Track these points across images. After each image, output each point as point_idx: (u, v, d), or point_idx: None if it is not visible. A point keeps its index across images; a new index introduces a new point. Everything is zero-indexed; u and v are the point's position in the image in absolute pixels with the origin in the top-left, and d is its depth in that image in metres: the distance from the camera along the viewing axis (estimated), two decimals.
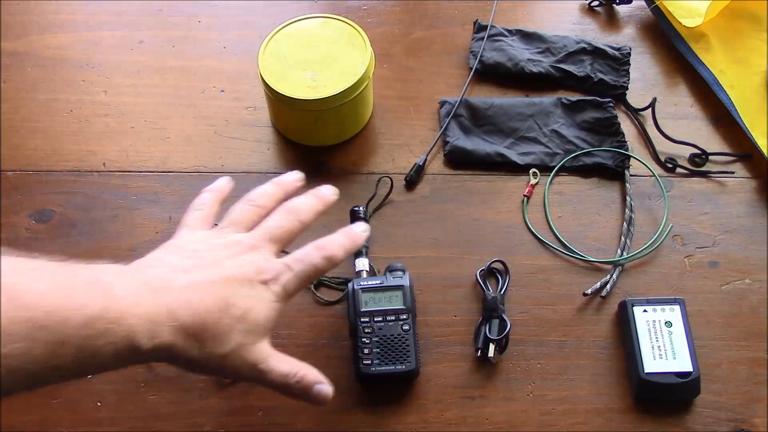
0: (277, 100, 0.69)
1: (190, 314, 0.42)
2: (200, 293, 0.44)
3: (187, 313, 0.42)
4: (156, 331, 0.40)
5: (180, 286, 0.43)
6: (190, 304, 0.43)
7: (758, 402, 0.61)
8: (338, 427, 0.60)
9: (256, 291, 0.46)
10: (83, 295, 0.38)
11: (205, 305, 0.43)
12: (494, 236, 0.69)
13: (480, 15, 0.84)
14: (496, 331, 0.61)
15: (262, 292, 0.47)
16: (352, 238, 0.53)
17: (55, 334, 0.35)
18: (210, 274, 0.45)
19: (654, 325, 0.61)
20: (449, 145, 0.73)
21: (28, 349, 0.34)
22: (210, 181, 0.72)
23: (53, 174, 0.72)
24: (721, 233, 0.69)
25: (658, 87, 0.79)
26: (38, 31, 0.83)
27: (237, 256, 0.48)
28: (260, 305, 0.46)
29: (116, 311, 0.38)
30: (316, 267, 0.50)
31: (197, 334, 0.42)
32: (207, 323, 0.43)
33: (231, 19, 0.84)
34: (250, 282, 0.46)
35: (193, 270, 0.45)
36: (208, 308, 0.43)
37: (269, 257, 0.49)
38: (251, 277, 0.46)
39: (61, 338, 0.36)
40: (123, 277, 0.42)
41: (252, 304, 0.46)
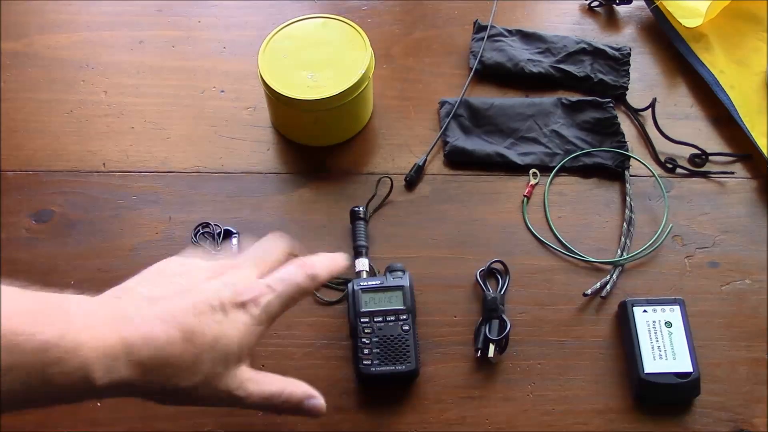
0: (277, 101, 0.69)
1: (149, 348, 0.40)
2: (163, 325, 0.41)
3: (145, 347, 0.40)
4: (112, 366, 0.39)
5: (142, 318, 0.41)
6: (150, 337, 0.40)
7: (758, 402, 0.61)
8: (338, 427, 0.60)
9: (230, 316, 0.44)
10: (40, 321, 0.36)
11: (167, 337, 0.41)
12: (494, 236, 0.69)
13: (480, 15, 0.84)
14: (496, 331, 0.61)
15: (238, 316, 0.44)
16: (334, 260, 0.51)
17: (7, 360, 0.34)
18: (178, 303, 0.43)
19: (654, 325, 0.61)
20: (449, 145, 0.73)
21: None
22: (210, 181, 0.72)
23: (53, 174, 0.72)
24: (721, 233, 0.69)
25: (658, 87, 0.79)
26: (38, 31, 0.83)
27: (215, 278, 0.46)
28: (233, 331, 0.44)
29: (72, 341, 0.37)
30: (300, 287, 0.47)
31: (158, 369, 0.40)
32: (169, 357, 0.41)
33: (231, 20, 0.84)
34: (224, 307, 0.44)
35: (161, 300, 0.43)
36: (170, 340, 0.41)
37: (250, 278, 0.47)
38: (226, 302, 0.44)
39: (12, 363, 0.35)
40: (85, 307, 0.40)
41: (223, 330, 0.43)
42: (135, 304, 0.42)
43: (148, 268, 0.47)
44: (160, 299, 0.43)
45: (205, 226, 0.68)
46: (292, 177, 0.72)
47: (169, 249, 0.67)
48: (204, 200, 0.71)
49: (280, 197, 0.71)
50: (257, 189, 0.71)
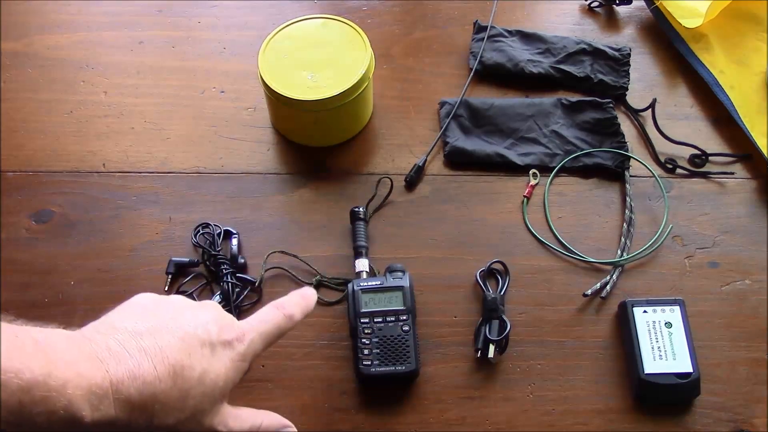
0: (277, 101, 0.69)
1: (136, 385, 0.39)
2: (151, 361, 0.40)
3: (133, 383, 0.39)
4: (98, 405, 0.38)
5: (129, 353, 0.40)
6: (138, 374, 0.39)
7: (758, 402, 0.61)
8: (338, 427, 0.60)
9: (216, 351, 0.44)
10: (24, 359, 0.35)
11: (155, 374, 0.40)
12: (494, 237, 0.69)
13: (480, 15, 0.84)
14: (496, 331, 0.61)
15: (224, 353, 0.44)
16: (306, 299, 0.52)
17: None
18: (165, 338, 0.42)
19: (654, 325, 0.61)
20: (449, 145, 0.73)
21: None
22: (210, 182, 0.72)
23: (53, 174, 0.72)
24: (721, 234, 0.69)
25: (658, 88, 0.79)
26: (38, 31, 0.83)
27: (199, 309, 0.46)
28: (220, 366, 0.44)
29: (57, 380, 0.36)
30: (280, 327, 0.49)
31: (145, 406, 0.40)
32: (156, 393, 0.40)
33: (231, 20, 0.84)
34: (211, 342, 0.44)
35: (146, 335, 0.42)
36: (158, 377, 0.40)
37: (232, 317, 0.48)
38: (213, 338, 0.44)
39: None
40: (68, 345, 0.39)
41: (211, 365, 0.43)
42: (120, 339, 0.41)
43: (128, 301, 0.46)
44: (145, 334, 0.42)
45: (205, 226, 0.68)
46: (292, 177, 0.72)
47: (169, 249, 0.67)
48: (204, 201, 0.71)
49: (280, 197, 0.71)
50: (257, 189, 0.71)
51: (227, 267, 0.65)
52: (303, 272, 0.67)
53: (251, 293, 0.66)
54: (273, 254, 0.67)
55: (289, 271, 0.66)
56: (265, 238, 0.68)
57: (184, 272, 0.67)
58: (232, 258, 0.66)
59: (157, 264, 0.66)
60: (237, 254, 0.66)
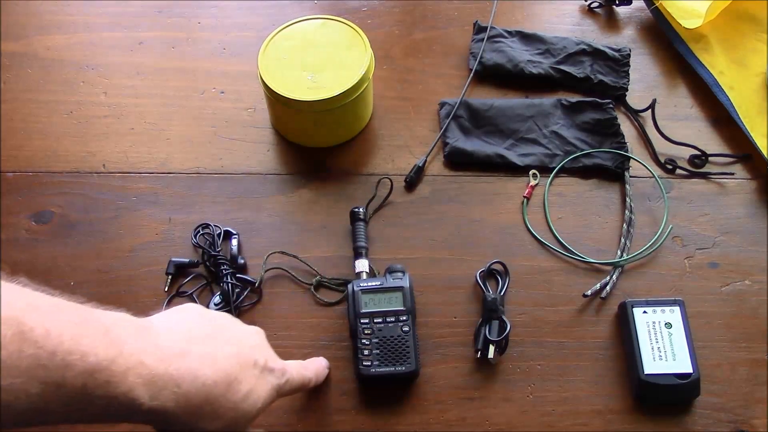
0: (277, 101, 0.69)
1: (196, 385, 0.41)
2: (211, 366, 0.43)
3: (192, 383, 0.41)
4: (157, 394, 0.39)
5: (192, 354, 0.42)
6: (197, 374, 0.41)
7: (758, 403, 0.61)
8: (338, 427, 0.60)
9: (263, 375, 0.47)
10: (91, 343, 0.36)
11: (213, 378, 0.42)
12: (494, 237, 0.69)
13: (480, 16, 0.84)
14: (496, 332, 0.61)
15: (268, 378, 0.47)
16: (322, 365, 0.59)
17: (54, 377, 0.34)
18: (225, 349, 0.45)
19: (654, 326, 0.61)
20: (449, 146, 0.73)
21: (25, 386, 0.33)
22: (210, 182, 0.72)
23: (53, 175, 0.72)
24: (721, 234, 0.69)
25: (658, 88, 0.79)
26: (38, 31, 0.83)
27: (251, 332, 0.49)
28: (263, 390, 0.46)
29: (120, 366, 0.37)
30: (303, 383, 0.53)
31: (198, 406, 0.41)
32: (209, 397, 0.42)
33: (231, 20, 0.84)
34: (260, 366, 0.47)
35: (209, 340, 0.45)
36: (215, 382, 0.42)
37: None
38: (261, 362, 0.47)
39: (59, 382, 0.35)
40: (136, 333, 0.40)
41: (256, 386, 0.46)
42: (185, 338, 0.43)
43: (182, 306, 0.48)
44: (208, 339, 0.45)
45: (205, 227, 0.68)
46: (292, 178, 0.72)
47: (169, 250, 0.67)
48: (204, 201, 0.71)
49: (280, 198, 0.71)
50: (257, 190, 0.71)
51: (227, 267, 0.65)
52: (303, 273, 0.67)
53: (251, 294, 0.66)
54: (273, 255, 0.67)
55: (289, 272, 0.66)
56: (265, 238, 0.68)
57: (184, 273, 0.67)
58: (232, 258, 0.66)
59: (157, 264, 0.66)
60: (237, 255, 0.66)
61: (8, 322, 0.33)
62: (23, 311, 0.34)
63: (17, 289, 0.36)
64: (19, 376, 0.33)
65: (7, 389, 0.33)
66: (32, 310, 0.35)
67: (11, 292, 0.35)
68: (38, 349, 0.34)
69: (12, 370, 0.33)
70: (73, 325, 0.36)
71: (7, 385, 0.33)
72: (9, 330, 0.33)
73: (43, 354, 0.34)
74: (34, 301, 0.36)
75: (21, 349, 0.33)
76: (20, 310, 0.34)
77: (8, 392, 0.33)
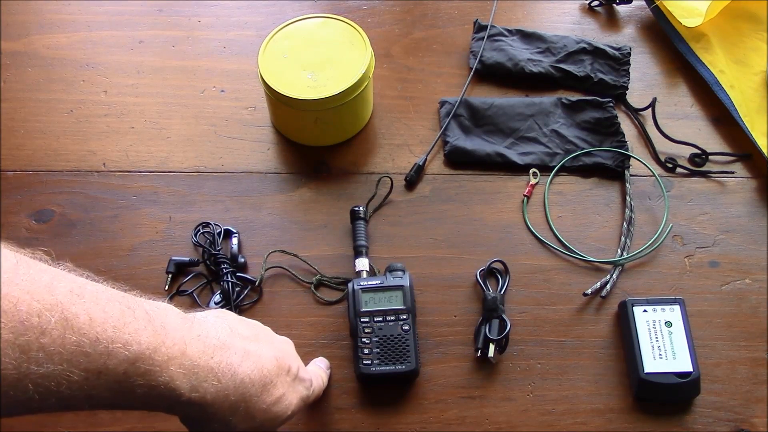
0: (277, 100, 0.69)
1: (234, 381, 0.41)
2: (250, 365, 0.43)
3: (231, 379, 0.41)
4: (198, 386, 0.39)
5: (234, 350, 0.42)
6: (237, 372, 0.42)
7: (758, 402, 0.61)
8: (338, 426, 0.60)
9: (294, 382, 0.48)
10: (134, 331, 0.36)
11: (251, 378, 0.42)
12: (494, 236, 0.69)
13: (480, 15, 0.84)
14: (496, 331, 0.61)
15: (298, 386, 0.48)
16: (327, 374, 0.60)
17: (96, 364, 0.34)
18: (264, 351, 0.45)
19: (654, 325, 0.61)
20: (449, 145, 0.73)
21: (67, 372, 0.33)
22: (210, 181, 0.72)
23: (53, 174, 0.72)
24: (721, 233, 0.69)
25: (658, 87, 0.79)
26: (38, 31, 0.83)
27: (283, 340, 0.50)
28: (293, 397, 0.47)
29: (162, 355, 0.37)
30: (321, 391, 0.56)
31: (234, 403, 0.42)
32: (246, 396, 0.42)
33: (231, 19, 0.84)
34: (293, 374, 0.48)
35: (251, 340, 0.45)
36: (253, 381, 0.43)
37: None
38: (294, 370, 0.48)
39: (101, 369, 0.35)
40: (179, 324, 0.40)
41: (288, 392, 0.46)
42: (228, 334, 0.43)
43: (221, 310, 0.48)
44: (250, 339, 0.45)
45: (205, 225, 0.68)
46: (292, 177, 0.72)
47: (170, 249, 0.67)
48: (204, 200, 0.71)
49: (280, 197, 0.71)
50: (257, 189, 0.71)
51: (227, 266, 0.65)
52: (303, 271, 0.67)
53: (251, 292, 0.66)
54: (273, 253, 0.67)
55: (289, 271, 0.66)
56: (265, 237, 0.68)
57: (184, 271, 0.67)
58: (232, 257, 0.66)
59: (158, 263, 0.67)
60: (237, 253, 0.66)
61: (52, 308, 0.33)
62: (67, 297, 0.34)
63: (60, 275, 0.36)
64: (61, 362, 0.33)
65: (49, 375, 0.33)
66: (76, 297, 0.35)
67: (56, 278, 0.35)
68: (81, 337, 0.34)
69: (54, 356, 0.33)
70: (117, 313, 0.36)
71: (50, 371, 0.33)
72: (53, 316, 0.33)
73: (86, 341, 0.34)
74: (77, 287, 0.36)
75: (64, 336, 0.33)
76: (63, 295, 0.34)
77: (51, 378, 0.33)
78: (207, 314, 0.45)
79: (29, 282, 0.33)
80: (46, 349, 0.33)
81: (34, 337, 0.32)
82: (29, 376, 0.32)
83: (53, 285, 0.34)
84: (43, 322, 0.32)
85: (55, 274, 0.35)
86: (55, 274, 0.35)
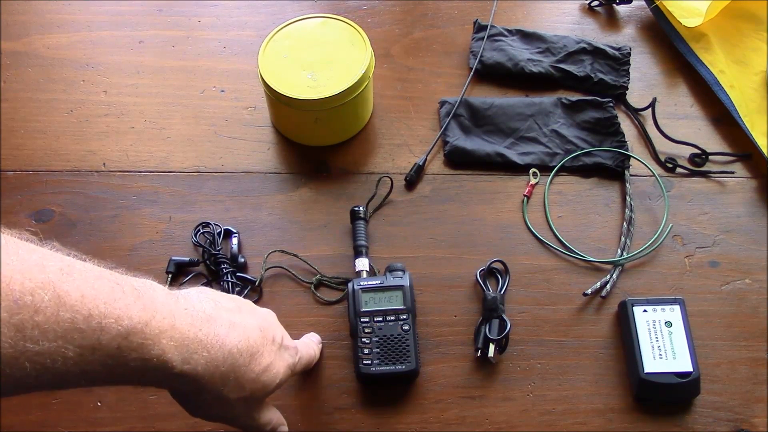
0: (277, 100, 0.69)
1: (223, 352, 0.42)
2: (237, 336, 0.44)
3: (220, 350, 0.42)
4: (189, 358, 0.40)
5: (220, 322, 0.43)
6: (225, 342, 0.43)
7: (758, 402, 0.61)
8: (338, 426, 0.60)
9: (280, 351, 0.49)
10: (125, 306, 0.37)
11: (239, 348, 0.43)
12: (494, 236, 0.69)
13: (480, 15, 0.84)
14: (496, 331, 0.61)
15: (285, 354, 0.49)
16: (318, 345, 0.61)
17: (89, 340, 0.35)
18: (250, 321, 0.46)
19: (654, 325, 0.61)
20: (449, 145, 0.73)
21: (61, 349, 0.34)
22: (210, 181, 0.72)
23: (53, 174, 0.72)
24: (721, 233, 0.69)
25: (658, 87, 0.79)
26: (38, 31, 0.83)
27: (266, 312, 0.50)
28: (281, 365, 0.48)
29: (153, 329, 0.38)
30: (310, 361, 0.56)
31: (225, 374, 0.43)
32: (235, 366, 0.43)
33: (231, 19, 0.84)
34: (279, 343, 0.49)
35: (236, 312, 0.46)
36: (240, 351, 0.44)
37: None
38: (279, 339, 0.49)
39: (94, 344, 0.35)
40: (166, 298, 0.41)
41: (276, 361, 0.47)
42: (214, 307, 0.44)
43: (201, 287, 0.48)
44: (235, 311, 0.46)
45: (205, 225, 0.68)
46: (292, 177, 0.72)
47: (170, 249, 0.67)
48: (204, 200, 0.71)
49: (280, 197, 0.71)
50: (257, 189, 0.71)
51: (227, 266, 0.65)
52: (303, 271, 0.67)
53: (251, 292, 0.66)
54: (273, 253, 0.67)
55: (289, 271, 0.66)
56: (265, 237, 0.68)
57: (184, 271, 0.67)
58: (232, 257, 0.66)
59: (158, 263, 0.67)
60: (237, 253, 0.66)
61: (44, 286, 0.34)
62: (57, 276, 0.35)
63: (50, 254, 0.36)
64: (56, 339, 0.34)
65: (45, 353, 0.33)
66: (66, 275, 0.35)
67: (45, 257, 0.35)
68: (74, 314, 0.34)
69: (49, 334, 0.33)
70: (107, 290, 0.37)
71: (44, 349, 0.33)
72: (46, 294, 0.33)
73: (79, 318, 0.35)
74: (67, 266, 0.36)
75: (58, 313, 0.34)
76: (54, 274, 0.35)
77: (46, 355, 0.33)
78: (189, 290, 0.46)
79: (20, 261, 0.34)
80: (41, 327, 0.33)
81: (28, 316, 0.32)
82: (25, 354, 0.32)
83: (43, 264, 0.35)
84: (36, 300, 0.33)
85: (44, 254, 0.36)
86: (44, 253, 0.36)
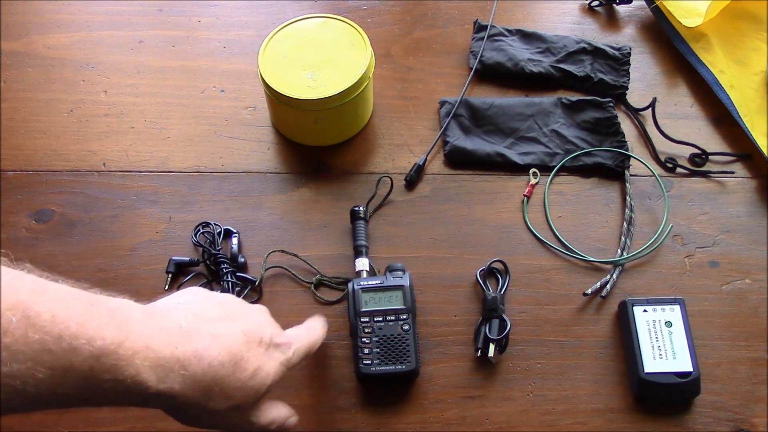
0: (277, 100, 0.69)
1: (202, 366, 0.42)
2: (217, 346, 0.43)
3: (199, 364, 0.41)
4: (165, 377, 0.39)
5: (199, 335, 0.43)
6: (204, 356, 0.42)
7: (758, 402, 0.61)
8: (338, 426, 0.60)
9: (269, 352, 0.47)
10: (97, 327, 0.36)
11: (220, 359, 0.43)
12: (494, 236, 0.69)
13: (480, 15, 0.84)
14: (496, 331, 0.61)
15: (275, 354, 0.48)
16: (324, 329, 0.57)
17: (61, 361, 0.34)
18: (230, 328, 0.45)
19: (654, 324, 0.61)
20: (449, 145, 0.73)
21: (32, 371, 0.34)
22: (210, 181, 0.72)
23: (53, 174, 0.72)
24: (721, 233, 0.69)
25: (658, 87, 0.79)
26: (38, 31, 0.83)
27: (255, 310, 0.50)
28: (270, 366, 0.47)
29: (127, 349, 0.37)
30: (311, 347, 0.53)
31: (207, 388, 0.42)
32: (217, 378, 0.42)
33: (231, 19, 0.84)
34: (266, 343, 0.47)
35: (216, 321, 0.45)
36: (222, 362, 0.43)
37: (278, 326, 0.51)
38: (267, 339, 0.47)
39: (66, 366, 0.35)
40: (141, 317, 0.41)
41: (264, 363, 0.46)
42: (191, 320, 0.43)
43: (187, 289, 0.48)
44: (216, 320, 0.45)
45: (205, 225, 0.68)
46: (292, 177, 0.72)
47: (170, 249, 0.67)
48: (204, 200, 0.71)
49: (280, 197, 0.71)
50: (257, 188, 0.71)
51: (227, 266, 0.65)
52: (303, 271, 0.67)
53: (251, 292, 0.66)
54: (273, 253, 0.67)
55: (289, 270, 0.66)
56: (265, 237, 0.68)
57: (184, 271, 0.67)
58: (232, 257, 0.66)
59: (158, 263, 0.67)
60: (237, 253, 0.66)
61: (14, 307, 0.33)
62: (29, 296, 0.35)
63: (22, 275, 0.36)
64: (25, 361, 0.33)
65: (14, 374, 0.33)
66: (38, 296, 0.35)
67: (16, 278, 0.35)
68: (44, 335, 0.34)
69: (18, 355, 0.33)
70: (79, 310, 0.37)
71: (14, 371, 0.33)
72: (15, 315, 0.33)
73: (50, 339, 0.34)
74: (39, 286, 0.36)
75: (27, 335, 0.33)
76: (25, 295, 0.34)
77: (15, 377, 0.33)
78: (171, 299, 0.45)
79: None
80: (9, 349, 0.33)
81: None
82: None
83: (15, 285, 0.34)
84: (4, 321, 0.33)
85: (15, 275, 0.36)
86: (15, 274, 0.36)
